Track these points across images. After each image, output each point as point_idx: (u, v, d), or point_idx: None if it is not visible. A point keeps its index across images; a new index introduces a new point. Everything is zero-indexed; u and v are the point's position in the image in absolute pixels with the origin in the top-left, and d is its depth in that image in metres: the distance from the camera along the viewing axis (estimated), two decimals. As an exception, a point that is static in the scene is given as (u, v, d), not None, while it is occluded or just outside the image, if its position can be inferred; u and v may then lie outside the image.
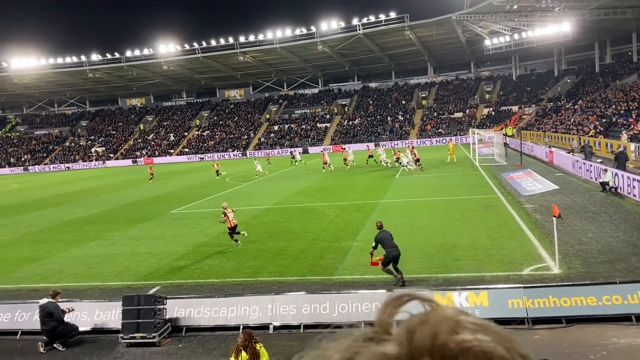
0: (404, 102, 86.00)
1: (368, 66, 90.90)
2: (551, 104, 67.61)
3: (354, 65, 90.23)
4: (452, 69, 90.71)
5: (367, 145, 63.87)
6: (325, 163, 43.92)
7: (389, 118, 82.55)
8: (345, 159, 45.99)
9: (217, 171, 45.81)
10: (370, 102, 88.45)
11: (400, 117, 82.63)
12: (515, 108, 74.90)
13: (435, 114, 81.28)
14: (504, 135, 49.27)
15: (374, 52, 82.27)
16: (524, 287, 11.39)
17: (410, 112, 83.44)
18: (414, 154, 41.42)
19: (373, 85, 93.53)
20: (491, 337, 0.52)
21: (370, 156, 47.10)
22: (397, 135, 77.68)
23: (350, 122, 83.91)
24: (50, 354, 11.38)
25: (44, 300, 11.73)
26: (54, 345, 11.60)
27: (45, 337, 11.66)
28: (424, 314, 0.54)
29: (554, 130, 53.71)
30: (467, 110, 79.77)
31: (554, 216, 13.35)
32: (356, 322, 0.56)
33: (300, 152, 54.74)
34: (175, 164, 74.55)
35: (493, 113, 76.46)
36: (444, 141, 71.44)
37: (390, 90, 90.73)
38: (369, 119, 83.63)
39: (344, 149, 53.62)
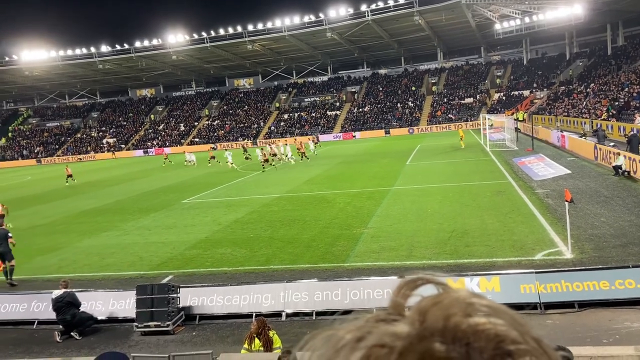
0: (413, 88, 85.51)
1: (377, 53, 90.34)
2: (563, 87, 66.90)
3: (363, 52, 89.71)
4: (462, 54, 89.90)
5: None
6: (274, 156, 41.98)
7: (398, 105, 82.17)
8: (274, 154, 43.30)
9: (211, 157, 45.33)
10: (380, 88, 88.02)
11: (410, 103, 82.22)
12: (526, 92, 74.20)
13: (445, 99, 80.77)
14: (515, 120, 48.92)
15: (383, 38, 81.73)
16: (536, 272, 11.36)
17: (420, 99, 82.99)
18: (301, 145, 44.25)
19: (382, 71, 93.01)
20: (504, 320, 0.51)
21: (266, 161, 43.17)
22: (408, 121, 77.35)
23: (360, 110, 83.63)
24: (66, 343, 11.55)
25: (59, 291, 11.88)
26: (71, 334, 11.77)
27: (61, 327, 11.83)
28: (436, 296, 0.54)
29: (566, 114, 53.21)
30: (478, 96, 79.18)
31: (566, 201, 13.27)
32: (368, 309, 0.57)
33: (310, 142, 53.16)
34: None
35: (504, 98, 75.84)
36: (451, 128, 71.13)
37: (400, 76, 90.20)
38: (378, 106, 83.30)
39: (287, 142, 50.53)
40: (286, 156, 43.35)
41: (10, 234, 16.39)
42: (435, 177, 28.31)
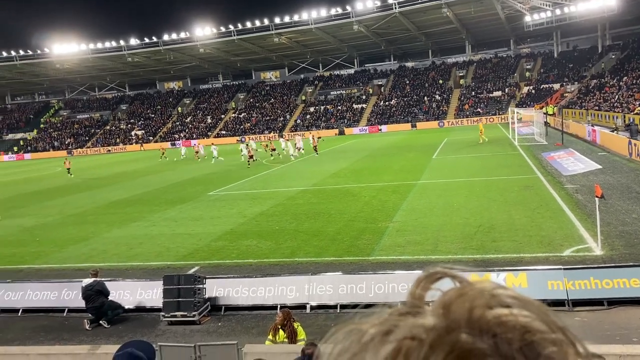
0: (441, 81, 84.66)
1: (404, 45, 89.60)
2: (594, 81, 65.42)
3: (390, 45, 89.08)
4: (491, 47, 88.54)
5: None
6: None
7: (425, 98, 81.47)
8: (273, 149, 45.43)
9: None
10: (407, 82, 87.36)
11: (437, 96, 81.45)
12: (556, 86, 72.80)
13: (473, 93, 79.78)
14: (544, 113, 48.06)
15: (411, 31, 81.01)
16: (564, 269, 11.18)
17: (447, 92, 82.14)
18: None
19: (410, 64, 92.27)
20: (529, 311, 0.52)
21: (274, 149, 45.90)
22: (435, 115, 76.65)
23: (387, 103, 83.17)
24: (95, 331, 11.79)
25: (89, 280, 12.11)
26: (100, 322, 12.01)
27: (90, 315, 12.08)
28: (460, 288, 0.54)
29: (597, 108, 52.07)
30: (507, 89, 77.99)
31: (597, 196, 13.01)
32: (392, 302, 0.57)
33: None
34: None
35: (533, 91, 74.55)
36: (481, 122, 70.26)
37: (427, 69, 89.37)
38: (405, 99, 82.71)
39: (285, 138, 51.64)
40: (287, 152, 43.48)
41: None
42: (462, 171, 28.03)
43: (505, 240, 14.92)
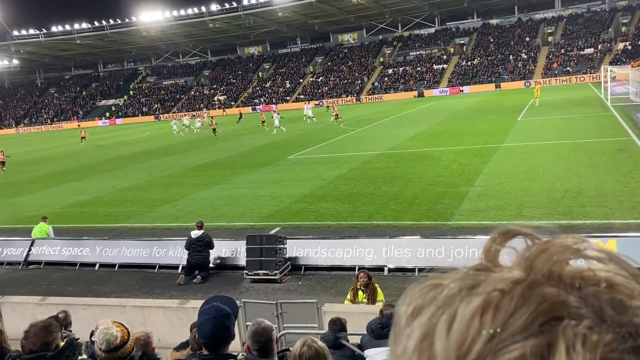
0: (527, 39, 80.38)
1: (488, 1, 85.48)
2: (702, 34, 59.91)
3: (474, 1, 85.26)
4: (583, 0, 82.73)
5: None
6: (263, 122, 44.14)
7: (511, 57, 77.84)
8: (263, 121, 45.35)
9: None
10: (491, 40, 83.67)
11: (523, 55, 77.59)
12: (657, 40, 67.33)
13: (562, 50, 75.31)
14: (642, 71, 44.67)
15: (495, -15, 77.14)
16: (659, 236, 10.60)
17: (534, 50, 78.00)
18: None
19: (494, 22, 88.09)
20: (614, 264, 0.51)
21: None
22: (520, 74, 73.22)
23: (469, 63, 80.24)
24: (184, 287, 12.47)
25: (199, 232, 12.62)
26: (197, 275, 12.53)
27: (195, 268, 12.59)
28: (542, 243, 0.54)
29: None
30: (600, 46, 72.95)
31: (699, 160, 12.09)
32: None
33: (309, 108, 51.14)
34: (294, 110, 76.14)
35: (630, 48, 69.33)
36: (572, 81, 66.45)
37: (513, 26, 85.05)
38: (489, 58, 79.43)
39: (273, 111, 49.99)
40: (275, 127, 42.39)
41: None
42: (549, 134, 26.80)
43: (594, 205, 14.27)
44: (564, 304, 0.47)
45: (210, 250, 12.69)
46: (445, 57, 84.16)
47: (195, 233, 12.68)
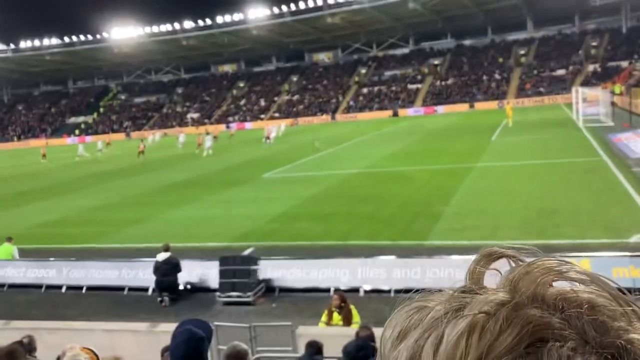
0: (501, 60, 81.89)
1: (462, 23, 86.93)
2: (666, 57, 61.80)
3: (447, 23, 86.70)
4: (554, 23, 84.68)
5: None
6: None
7: (484, 77, 79.16)
8: (199, 145, 44.30)
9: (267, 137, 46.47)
10: (465, 60, 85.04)
11: (496, 76, 78.96)
12: (624, 64, 69.13)
13: (535, 71, 76.87)
14: (611, 93, 45.87)
15: (469, 7, 78.63)
16: (631, 256, 10.66)
17: (507, 71, 79.48)
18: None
19: (467, 43, 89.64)
20: (596, 286, 0.52)
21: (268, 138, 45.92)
22: (494, 95, 74.44)
23: (443, 83, 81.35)
24: (154, 309, 12.06)
25: (165, 254, 12.33)
26: (164, 297, 12.22)
27: (162, 291, 12.28)
28: (526, 265, 0.54)
29: (669, 86, 49.15)
30: (571, 67, 74.70)
31: (670, 180, 12.26)
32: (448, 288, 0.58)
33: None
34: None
35: (600, 69, 71.11)
36: (545, 102, 67.79)
37: (486, 47, 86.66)
38: (463, 78, 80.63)
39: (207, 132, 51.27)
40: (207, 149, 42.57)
41: None
42: (523, 154, 27.12)
43: (568, 225, 14.35)
44: (547, 326, 0.48)
45: (178, 274, 12.32)
46: (419, 77, 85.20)
47: (162, 256, 12.34)
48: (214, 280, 12.32)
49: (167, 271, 12.21)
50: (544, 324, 0.48)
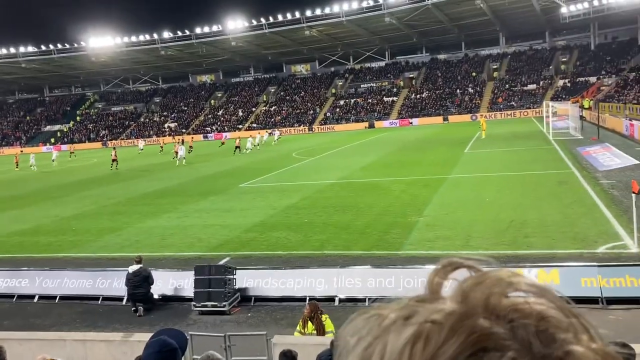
0: (474, 74, 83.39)
1: (437, 37, 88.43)
2: (633, 74, 63.59)
3: (422, 37, 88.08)
4: (526, 39, 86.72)
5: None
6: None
7: (458, 91, 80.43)
8: (176, 152, 43.89)
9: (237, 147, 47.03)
10: (439, 74, 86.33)
11: (470, 89, 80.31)
12: (593, 79, 71.00)
13: (507, 86, 78.40)
14: (580, 107, 47.03)
15: (443, 22, 79.97)
16: (599, 266, 10.99)
17: (480, 85, 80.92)
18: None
19: (442, 57, 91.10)
20: (545, 299, 0.52)
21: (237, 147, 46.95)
22: (467, 108, 75.65)
23: (418, 96, 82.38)
24: (128, 319, 12.02)
25: (136, 266, 12.27)
26: (138, 307, 12.18)
27: (136, 302, 12.25)
28: (478, 276, 0.55)
29: (636, 101, 50.62)
30: (541, 82, 76.42)
31: (633, 192, 12.68)
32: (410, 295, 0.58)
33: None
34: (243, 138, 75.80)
35: (569, 84, 72.88)
36: (516, 115, 69.07)
37: (460, 62, 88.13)
38: (437, 92, 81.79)
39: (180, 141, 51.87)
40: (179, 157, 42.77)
41: None
42: (495, 166, 27.65)
43: (538, 236, 14.70)
44: (491, 336, 0.49)
45: (150, 286, 12.31)
46: (395, 89, 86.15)
47: (133, 268, 12.30)
48: (189, 290, 12.32)
49: (137, 283, 12.16)
50: (489, 334, 0.49)
